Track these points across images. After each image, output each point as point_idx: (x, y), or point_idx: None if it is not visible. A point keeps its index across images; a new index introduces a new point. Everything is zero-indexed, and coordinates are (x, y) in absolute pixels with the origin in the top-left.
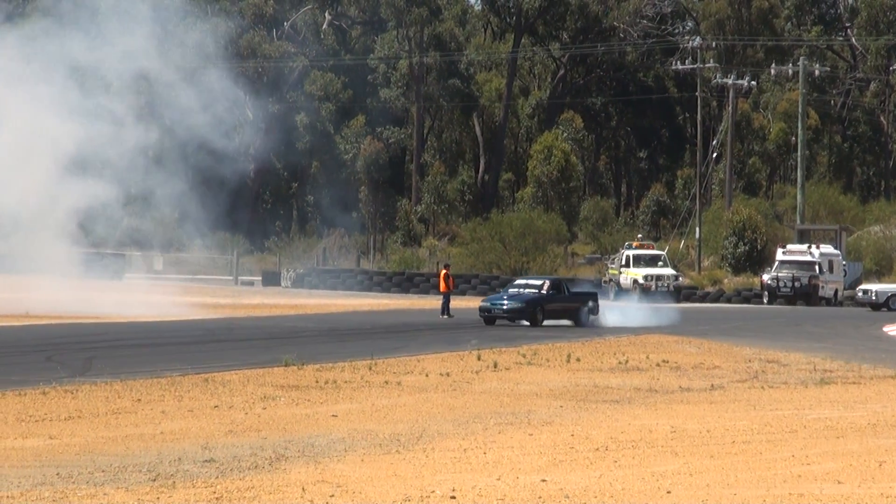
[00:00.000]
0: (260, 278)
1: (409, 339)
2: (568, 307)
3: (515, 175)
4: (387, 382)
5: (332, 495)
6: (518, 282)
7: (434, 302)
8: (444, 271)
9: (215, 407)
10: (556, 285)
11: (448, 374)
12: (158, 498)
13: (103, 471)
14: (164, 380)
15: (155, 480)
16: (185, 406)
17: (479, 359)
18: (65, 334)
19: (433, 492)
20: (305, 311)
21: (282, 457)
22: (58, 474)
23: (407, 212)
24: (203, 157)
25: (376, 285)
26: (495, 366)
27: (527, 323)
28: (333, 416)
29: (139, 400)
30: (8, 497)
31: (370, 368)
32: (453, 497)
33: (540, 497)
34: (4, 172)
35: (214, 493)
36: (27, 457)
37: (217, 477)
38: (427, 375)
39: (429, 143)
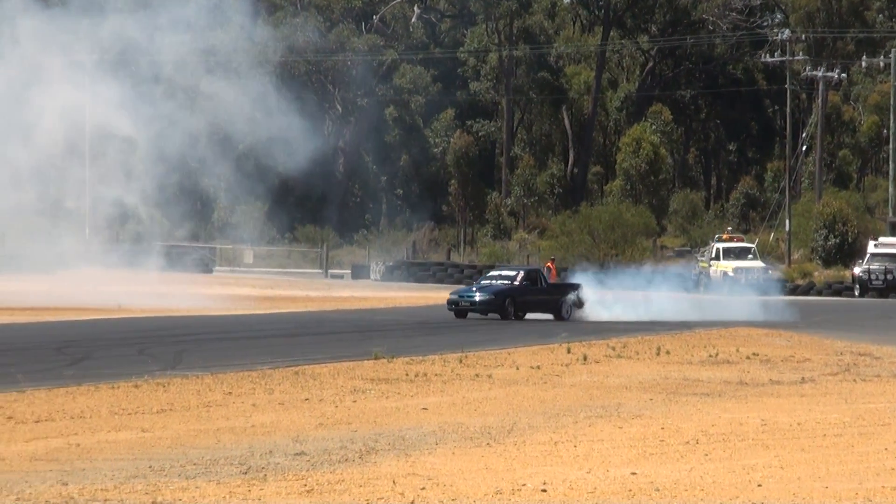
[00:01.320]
0: (349, 271)
1: (499, 331)
2: (545, 300)
3: (604, 168)
4: (477, 375)
5: (423, 488)
6: (492, 273)
7: None
8: (547, 264)
9: (305, 400)
10: (532, 276)
11: (538, 367)
12: (250, 491)
13: (195, 464)
14: (255, 373)
15: (246, 473)
16: (276, 399)
17: (568, 352)
18: (156, 327)
19: (524, 485)
20: (395, 305)
21: (372, 450)
22: (150, 467)
23: (496, 205)
24: (292, 151)
25: (466, 278)
26: (585, 359)
27: (497, 316)
28: (424, 409)
29: (230, 393)
30: (102, 490)
31: (460, 361)
32: (544, 490)
33: (630, 490)
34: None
35: (305, 485)
36: (120, 450)
37: (308, 470)
38: (517, 368)
39: (518, 135)
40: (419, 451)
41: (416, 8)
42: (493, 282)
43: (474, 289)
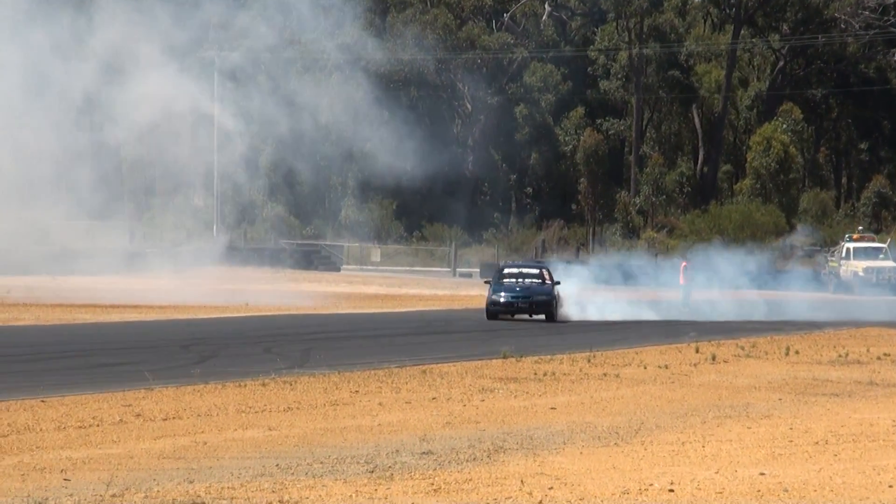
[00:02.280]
0: (478, 270)
1: (627, 331)
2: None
3: (734, 167)
4: (605, 375)
5: (551, 488)
6: (509, 270)
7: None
8: (683, 264)
9: (433, 399)
10: (550, 273)
11: (666, 367)
12: (376, 490)
13: (321, 462)
14: (382, 371)
15: (373, 472)
16: (403, 398)
17: (697, 351)
18: (283, 326)
19: (651, 485)
20: None
21: (500, 449)
22: (277, 465)
23: (625, 203)
24: (420, 149)
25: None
26: (713, 358)
27: (542, 317)
28: (552, 408)
29: (357, 391)
30: (229, 488)
31: (589, 361)
32: (672, 490)
33: (759, 490)
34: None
35: (432, 484)
36: (247, 448)
37: (435, 469)
38: (645, 368)
39: (647, 134)
40: (547, 450)
41: (546, 6)
42: (524, 281)
43: (516, 289)
